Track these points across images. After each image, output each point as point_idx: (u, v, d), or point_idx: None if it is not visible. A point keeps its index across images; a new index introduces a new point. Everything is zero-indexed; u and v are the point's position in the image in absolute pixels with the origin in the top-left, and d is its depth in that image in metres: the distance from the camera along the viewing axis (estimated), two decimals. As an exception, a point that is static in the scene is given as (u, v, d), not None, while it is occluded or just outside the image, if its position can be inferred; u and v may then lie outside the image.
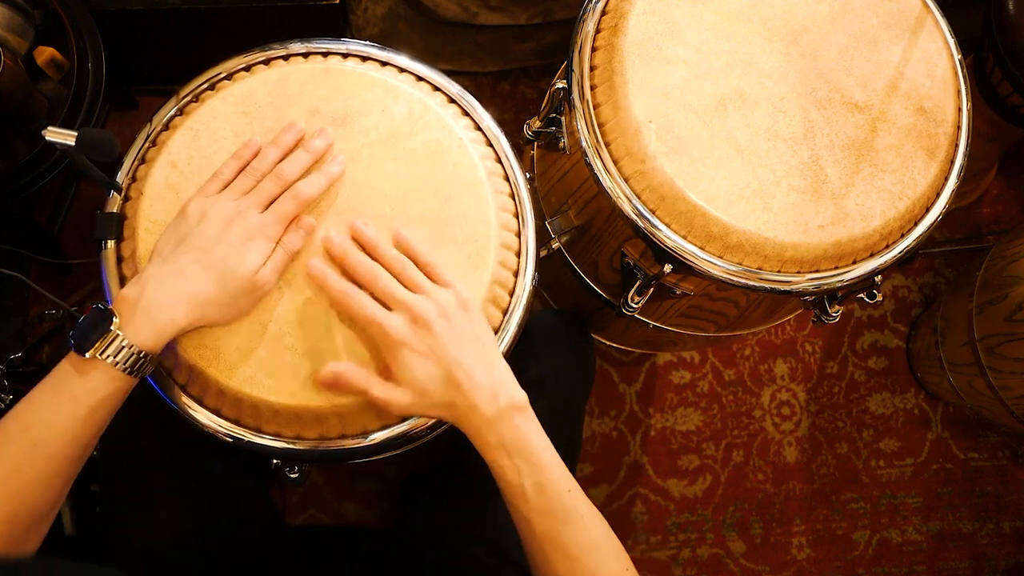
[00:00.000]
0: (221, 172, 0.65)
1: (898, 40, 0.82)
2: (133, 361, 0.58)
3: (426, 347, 0.61)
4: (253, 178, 0.65)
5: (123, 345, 0.57)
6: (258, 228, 0.62)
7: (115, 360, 0.57)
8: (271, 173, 0.65)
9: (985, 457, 1.47)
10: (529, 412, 0.63)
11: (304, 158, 0.67)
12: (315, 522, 1.33)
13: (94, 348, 0.56)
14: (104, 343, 0.57)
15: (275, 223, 0.63)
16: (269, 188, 0.64)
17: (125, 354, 0.57)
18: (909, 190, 0.77)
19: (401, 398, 0.61)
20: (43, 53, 1.05)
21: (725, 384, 1.46)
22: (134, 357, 0.58)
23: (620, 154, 0.77)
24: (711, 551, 1.39)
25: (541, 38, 1.42)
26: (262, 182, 0.65)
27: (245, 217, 0.62)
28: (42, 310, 1.33)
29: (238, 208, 0.63)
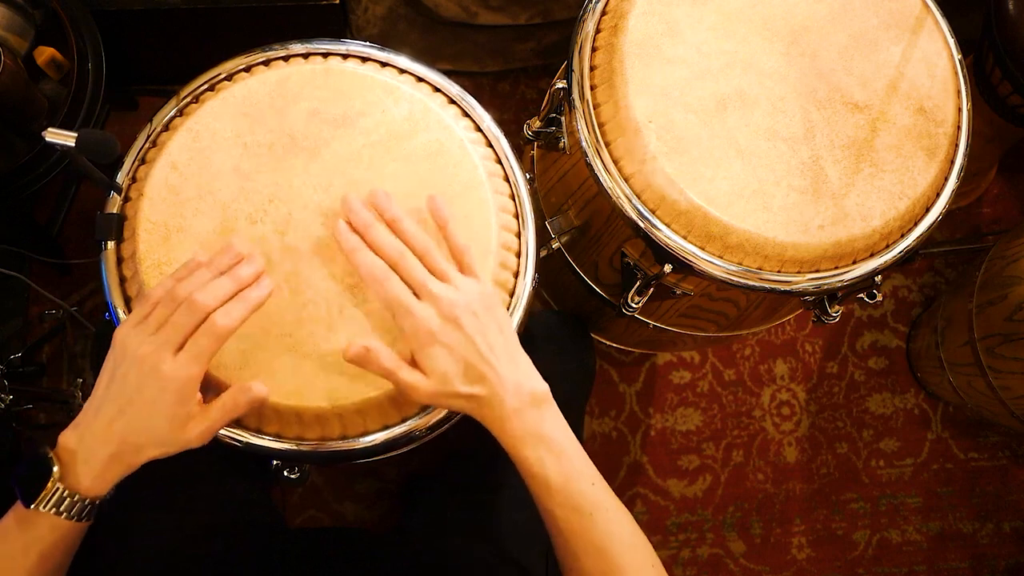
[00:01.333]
0: (150, 293, 0.61)
1: (898, 40, 0.82)
2: (79, 509, 0.57)
3: (454, 341, 0.60)
4: (170, 308, 0.59)
5: (65, 496, 0.56)
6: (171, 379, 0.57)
7: (59, 511, 0.56)
8: (185, 305, 0.59)
9: (985, 457, 1.47)
10: (552, 404, 0.63)
11: (224, 285, 0.60)
12: (315, 522, 1.33)
13: (37, 501, 0.56)
14: (47, 495, 0.56)
15: (190, 364, 0.58)
16: (182, 323, 0.58)
17: (69, 503, 0.56)
18: (909, 190, 0.77)
19: (426, 386, 0.61)
20: (43, 53, 1.05)
21: (725, 384, 1.46)
22: (79, 505, 0.57)
23: (620, 154, 0.77)
24: (711, 551, 1.39)
25: (541, 38, 1.42)
26: (174, 315, 0.59)
27: (156, 366, 0.57)
28: (42, 310, 1.33)
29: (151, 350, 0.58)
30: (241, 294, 0.61)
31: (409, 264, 0.62)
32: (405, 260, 0.62)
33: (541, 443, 0.61)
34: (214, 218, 0.67)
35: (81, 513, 0.57)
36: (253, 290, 0.61)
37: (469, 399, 0.61)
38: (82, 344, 1.34)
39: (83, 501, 0.57)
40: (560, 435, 0.62)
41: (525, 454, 0.61)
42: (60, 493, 0.56)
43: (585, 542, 0.61)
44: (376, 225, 0.63)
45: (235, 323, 0.59)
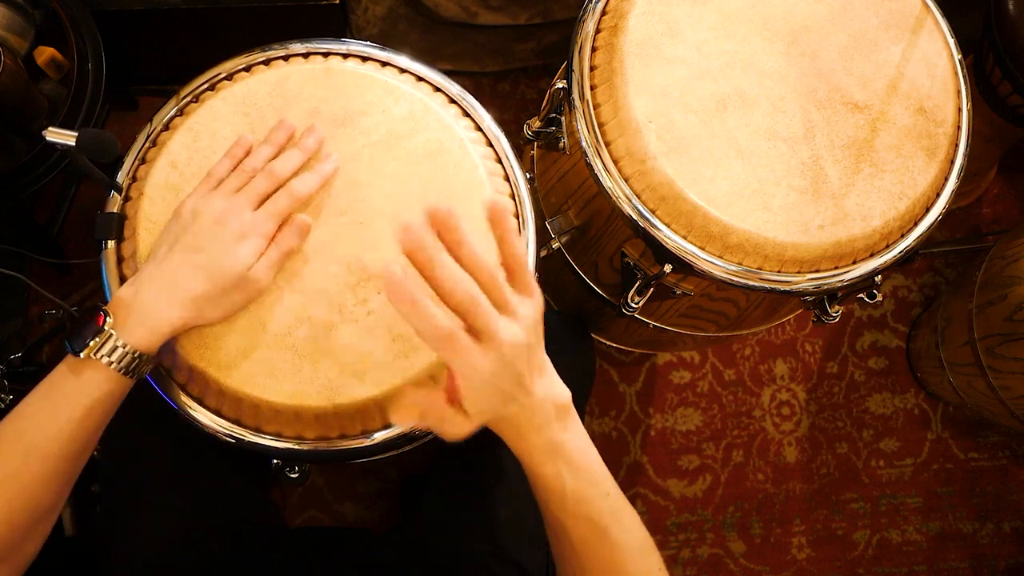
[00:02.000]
0: (214, 171, 0.65)
1: (898, 40, 0.82)
2: (128, 361, 0.58)
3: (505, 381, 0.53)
4: (246, 175, 0.64)
5: (117, 345, 0.57)
6: (251, 225, 0.62)
7: (110, 360, 0.57)
8: (263, 171, 0.65)
9: (985, 457, 1.47)
10: (573, 412, 0.58)
11: (296, 156, 0.66)
12: (315, 522, 1.33)
13: (88, 349, 0.57)
14: (99, 343, 0.57)
15: (268, 220, 0.63)
16: (261, 185, 0.64)
17: (120, 354, 0.57)
18: (909, 190, 0.77)
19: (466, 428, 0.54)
20: (43, 53, 1.05)
21: (725, 384, 1.46)
22: (129, 357, 0.58)
23: (620, 154, 0.77)
24: (711, 551, 1.39)
25: (541, 38, 1.42)
26: (254, 180, 0.64)
27: (237, 215, 0.62)
28: (42, 310, 1.33)
29: (230, 206, 0.62)
30: (314, 166, 0.67)
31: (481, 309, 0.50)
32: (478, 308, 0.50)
33: (560, 456, 0.57)
34: (214, 218, 0.67)
35: (130, 366, 0.58)
36: (325, 163, 0.67)
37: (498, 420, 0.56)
38: (82, 344, 1.34)
39: (134, 353, 0.58)
40: (580, 447, 0.58)
41: (543, 469, 0.57)
42: (113, 341, 0.57)
43: (595, 553, 0.58)
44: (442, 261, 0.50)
45: (310, 190, 0.65)
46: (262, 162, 0.65)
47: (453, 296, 0.50)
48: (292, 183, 0.65)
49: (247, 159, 0.66)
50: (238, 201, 0.63)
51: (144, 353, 0.59)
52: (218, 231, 0.61)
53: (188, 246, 0.60)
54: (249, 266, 0.62)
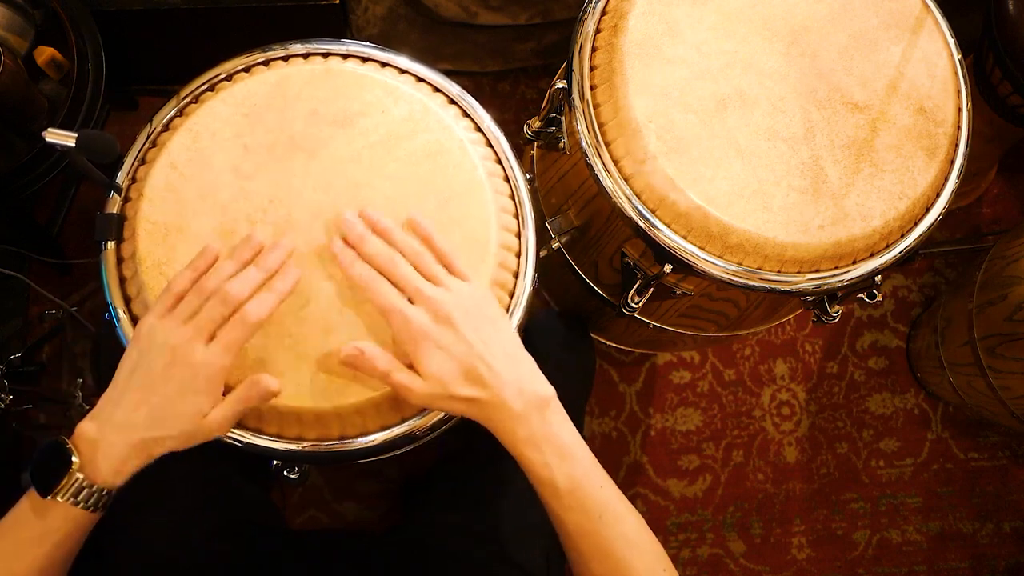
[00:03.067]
0: (173, 285, 0.62)
1: (898, 40, 0.82)
2: (96, 499, 0.57)
3: (448, 342, 0.61)
4: (200, 298, 0.61)
5: (83, 486, 0.56)
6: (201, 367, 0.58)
7: (76, 501, 0.56)
8: (217, 296, 0.60)
9: (985, 457, 1.47)
10: (557, 405, 0.62)
11: (254, 276, 0.62)
12: (315, 522, 1.33)
13: (55, 492, 0.56)
14: (66, 485, 0.56)
15: (221, 354, 0.59)
16: (214, 313, 0.60)
17: (86, 494, 0.57)
18: (909, 190, 0.77)
19: (421, 388, 0.61)
20: (43, 53, 1.05)
21: (725, 384, 1.46)
22: (96, 495, 0.57)
23: (620, 154, 0.77)
24: (711, 551, 1.39)
25: (541, 38, 1.42)
26: (206, 306, 0.60)
27: (189, 355, 0.58)
28: (42, 310, 1.33)
29: (182, 339, 0.59)
30: (270, 284, 0.62)
31: (401, 270, 0.63)
32: (396, 266, 0.63)
33: (548, 447, 0.60)
34: (214, 218, 0.67)
35: (97, 503, 0.57)
36: (279, 281, 0.63)
37: (469, 402, 0.61)
38: (82, 344, 1.34)
39: (100, 491, 0.57)
40: (567, 438, 0.61)
41: (532, 459, 0.60)
42: (79, 483, 0.56)
43: (594, 545, 0.60)
44: (369, 237, 0.65)
45: (267, 313, 0.61)
46: (217, 283, 0.61)
47: (377, 262, 0.63)
48: (245, 309, 0.60)
49: (205, 279, 0.62)
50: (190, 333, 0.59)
51: (112, 488, 0.58)
52: (170, 372, 0.58)
53: (143, 385, 0.58)
54: (202, 414, 0.59)
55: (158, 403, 0.58)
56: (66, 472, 0.56)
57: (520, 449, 0.60)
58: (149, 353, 0.59)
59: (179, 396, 0.58)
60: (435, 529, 0.87)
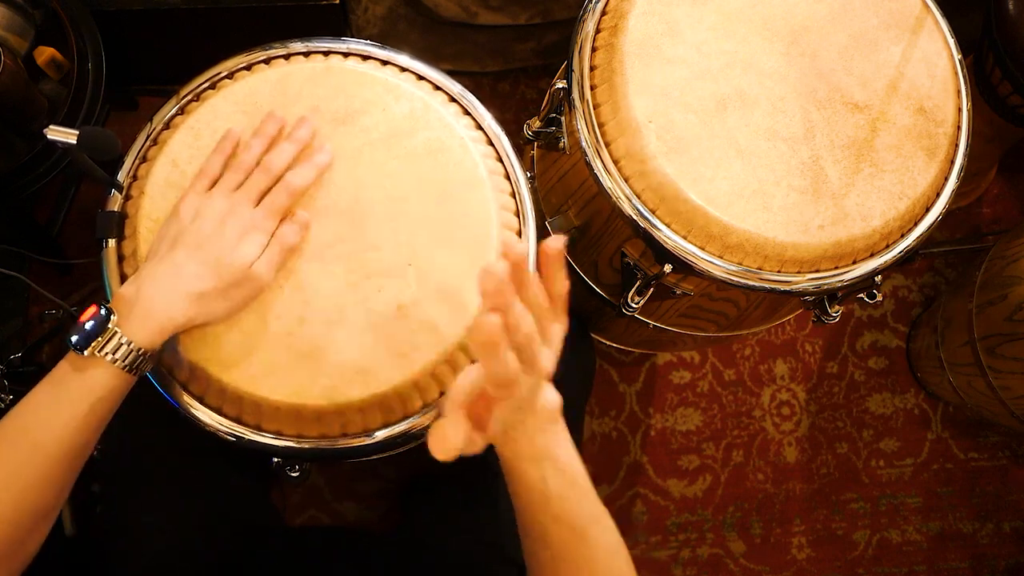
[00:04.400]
0: (207, 168, 0.66)
1: (898, 40, 0.82)
2: (132, 358, 0.58)
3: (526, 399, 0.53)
4: (242, 172, 0.65)
5: (122, 342, 0.57)
6: (252, 223, 0.63)
7: (114, 358, 0.57)
8: (260, 166, 0.65)
9: (985, 457, 1.47)
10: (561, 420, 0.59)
11: (290, 148, 0.66)
12: (315, 522, 1.33)
13: (93, 346, 0.57)
14: (103, 341, 0.57)
15: (268, 217, 0.63)
16: (259, 182, 0.64)
17: (124, 351, 0.57)
18: (909, 190, 0.77)
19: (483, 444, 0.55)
20: (43, 53, 1.05)
21: (725, 384, 1.46)
22: (133, 354, 0.58)
23: (620, 154, 0.77)
24: (711, 551, 1.39)
25: (541, 38, 1.42)
26: (252, 176, 0.64)
27: (238, 213, 0.62)
28: (42, 310, 1.33)
29: (230, 204, 0.63)
30: (309, 158, 0.66)
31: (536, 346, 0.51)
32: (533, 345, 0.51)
33: (547, 461, 0.57)
34: (214, 217, 0.67)
35: (134, 364, 0.58)
36: (319, 155, 0.67)
37: None
38: (82, 344, 1.34)
39: (138, 351, 0.58)
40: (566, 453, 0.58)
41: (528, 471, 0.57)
42: (117, 339, 0.57)
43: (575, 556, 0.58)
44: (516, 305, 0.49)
45: (306, 183, 0.65)
46: (255, 157, 0.66)
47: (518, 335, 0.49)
48: (288, 177, 0.65)
49: (241, 155, 0.66)
50: (238, 199, 0.63)
51: (148, 350, 0.59)
52: (220, 228, 0.62)
53: (190, 243, 0.61)
54: (252, 263, 0.62)
55: (207, 256, 0.60)
56: (104, 328, 0.57)
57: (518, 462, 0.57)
58: (196, 220, 0.62)
59: (231, 247, 0.61)
60: (435, 529, 0.87)
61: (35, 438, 0.56)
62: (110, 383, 0.58)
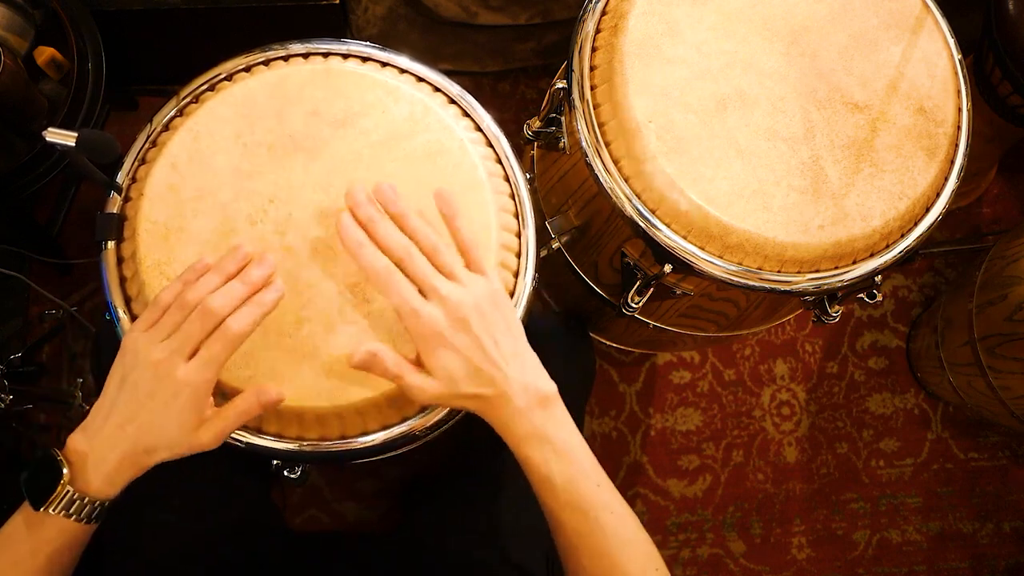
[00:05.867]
0: (160, 299, 0.61)
1: (898, 40, 0.82)
2: (88, 511, 0.57)
3: (462, 343, 0.60)
4: (182, 313, 0.59)
5: (75, 499, 0.56)
6: (185, 384, 0.57)
7: (68, 513, 0.56)
8: (198, 310, 0.58)
9: (985, 457, 1.47)
10: (559, 403, 0.62)
11: (238, 290, 0.60)
12: (315, 522, 1.33)
13: (47, 504, 0.56)
14: (57, 498, 0.56)
15: (202, 369, 0.58)
16: (192, 329, 0.58)
17: (79, 506, 0.56)
18: (909, 190, 0.77)
19: (433, 388, 0.60)
20: (43, 53, 1.05)
21: (725, 384, 1.46)
22: (89, 507, 0.57)
23: (620, 154, 0.77)
24: (711, 551, 1.39)
25: (541, 38, 1.42)
26: (186, 321, 0.58)
27: (171, 371, 0.57)
28: (42, 310, 1.33)
29: (165, 356, 0.57)
30: (253, 298, 0.60)
31: (416, 263, 0.60)
32: (412, 258, 0.60)
33: (547, 444, 0.60)
34: (214, 218, 0.67)
35: (91, 515, 0.57)
36: (265, 293, 0.60)
37: (476, 399, 0.61)
38: (82, 344, 1.34)
39: (93, 503, 0.57)
40: (566, 436, 0.61)
41: (530, 454, 0.60)
42: (70, 495, 0.56)
43: (588, 543, 0.60)
44: (382, 220, 0.61)
45: (248, 328, 0.58)
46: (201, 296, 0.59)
47: (389, 250, 0.60)
48: (227, 323, 0.58)
49: (186, 292, 0.60)
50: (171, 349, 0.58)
51: (106, 499, 0.58)
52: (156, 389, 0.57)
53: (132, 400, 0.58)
54: (192, 427, 0.59)
55: (145, 419, 0.57)
56: (57, 484, 0.56)
57: (519, 445, 0.61)
58: (135, 369, 0.58)
59: (164, 412, 0.57)
60: (435, 529, 0.87)
61: None
62: (68, 535, 0.57)
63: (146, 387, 0.57)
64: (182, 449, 0.59)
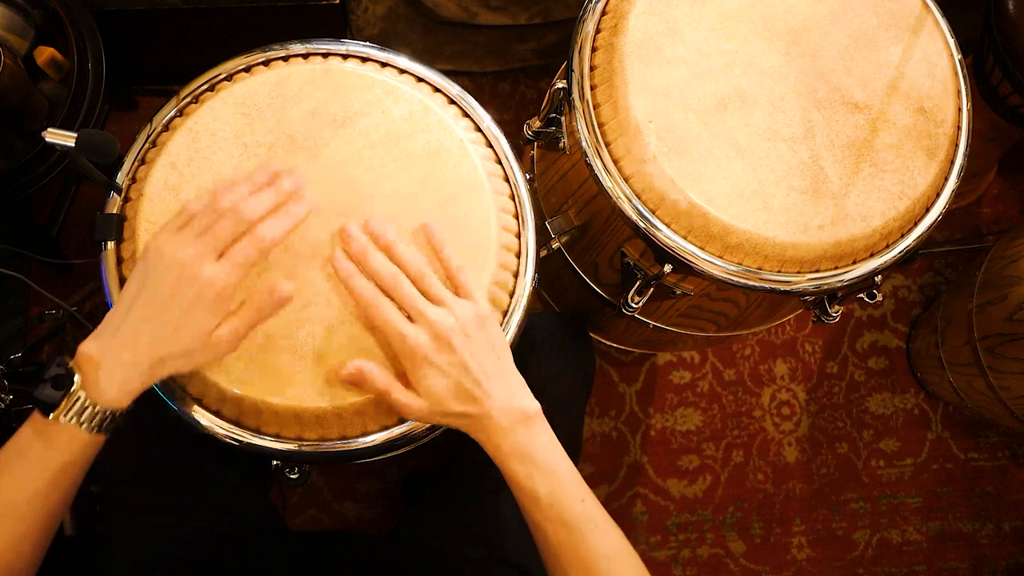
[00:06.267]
0: (188, 208, 0.61)
1: (898, 40, 0.82)
2: (99, 420, 0.56)
3: (446, 363, 0.62)
4: (214, 215, 0.59)
5: (86, 406, 0.55)
6: (209, 284, 0.57)
7: (79, 421, 0.55)
8: (230, 212, 0.59)
9: (985, 457, 1.47)
10: (542, 421, 0.64)
11: (268, 197, 0.61)
12: (315, 522, 1.33)
13: (57, 411, 0.55)
14: (67, 406, 0.55)
15: (231, 270, 0.58)
16: (225, 230, 0.58)
17: (89, 414, 0.56)
18: (909, 190, 0.77)
19: (418, 404, 0.63)
20: (43, 53, 1.05)
21: (725, 384, 1.45)
22: (99, 416, 0.56)
23: (620, 154, 0.77)
24: (711, 551, 1.39)
25: (541, 38, 1.42)
26: (219, 222, 0.59)
27: (197, 270, 0.57)
28: (42, 310, 1.33)
29: (192, 256, 0.57)
30: (284, 208, 0.62)
31: (403, 288, 0.63)
32: (399, 285, 0.63)
33: (530, 460, 0.62)
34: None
35: (101, 425, 0.56)
36: (295, 205, 0.62)
37: (460, 417, 0.63)
38: (82, 344, 1.34)
39: (103, 412, 0.56)
40: (549, 453, 0.63)
41: (515, 470, 0.62)
42: (81, 402, 0.55)
43: (573, 557, 0.61)
44: (371, 251, 0.64)
45: (279, 237, 0.60)
46: (232, 203, 0.60)
47: (380, 279, 0.63)
48: (258, 228, 0.59)
49: (218, 196, 0.60)
50: (200, 249, 0.58)
51: (116, 410, 0.57)
52: (178, 288, 0.57)
53: (151, 301, 0.57)
54: (208, 332, 0.58)
55: (164, 320, 0.57)
56: (67, 392, 0.55)
57: (505, 462, 0.62)
58: (156, 269, 0.58)
59: (186, 313, 0.57)
60: (434, 530, 0.87)
61: (6, 499, 0.55)
62: (77, 446, 0.56)
63: (169, 286, 0.57)
64: (199, 355, 0.59)
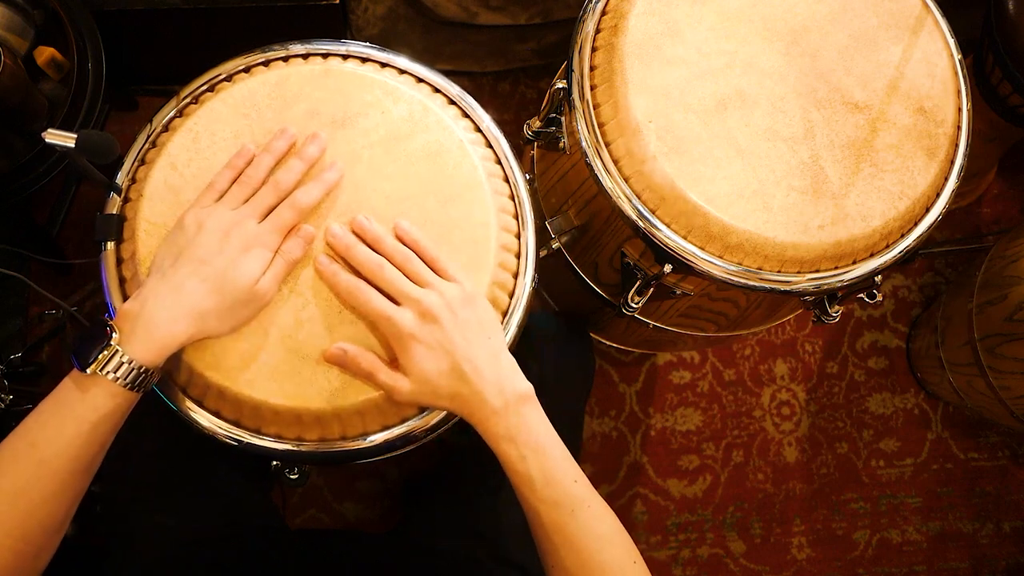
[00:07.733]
0: (216, 182, 0.65)
1: (898, 40, 0.82)
2: (134, 376, 0.57)
3: (434, 341, 0.62)
4: (249, 187, 0.64)
5: (123, 361, 0.57)
6: (256, 238, 0.62)
7: (116, 376, 0.57)
8: (268, 183, 0.65)
9: (985, 457, 1.47)
10: (534, 403, 0.64)
11: (299, 166, 0.66)
12: (315, 522, 1.33)
13: (95, 364, 0.56)
14: (105, 359, 0.56)
15: (273, 232, 0.63)
16: (266, 198, 0.64)
17: (125, 370, 0.57)
18: (909, 190, 0.77)
19: (406, 386, 0.63)
20: (43, 53, 1.05)
21: (725, 384, 1.46)
22: (135, 372, 0.57)
23: (620, 154, 0.77)
24: (711, 551, 1.39)
25: (541, 38, 1.42)
26: (259, 192, 0.64)
27: (242, 227, 0.62)
28: (42, 310, 1.33)
29: (235, 218, 0.62)
30: (319, 176, 0.66)
31: (387, 273, 0.64)
32: (383, 270, 0.64)
33: (524, 441, 0.62)
34: (214, 218, 0.67)
35: (136, 381, 0.58)
36: (329, 172, 0.67)
37: (452, 398, 0.63)
38: (82, 344, 1.34)
39: (139, 368, 0.57)
40: (542, 434, 0.63)
41: (507, 451, 0.62)
42: (119, 357, 0.57)
43: (565, 537, 0.62)
44: (355, 245, 0.65)
45: (314, 201, 0.65)
46: (264, 172, 0.65)
47: (363, 267, 0.64)
48: (296, 194, 0.64)
49: (249, 170, 0.65)
50: (243, 214, 0.63)
51: (150, 368, 0.58)
52: (224, 244, 0.61)
53: (193, 258, 0.60)
54: (256, 279, 0.62)
55: (211, 273, 0.60)
56: (106, 347, 0.57)
57: (498, 443, 0.62)
58: (200, 233, 0.61)
59: (234, 264, 0.60)
60: (435, 529, 0.87)
61: (41, 454, 0.56)
62: (113, 401, 0.58)
63: (216, 245, 0.60)
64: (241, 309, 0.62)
